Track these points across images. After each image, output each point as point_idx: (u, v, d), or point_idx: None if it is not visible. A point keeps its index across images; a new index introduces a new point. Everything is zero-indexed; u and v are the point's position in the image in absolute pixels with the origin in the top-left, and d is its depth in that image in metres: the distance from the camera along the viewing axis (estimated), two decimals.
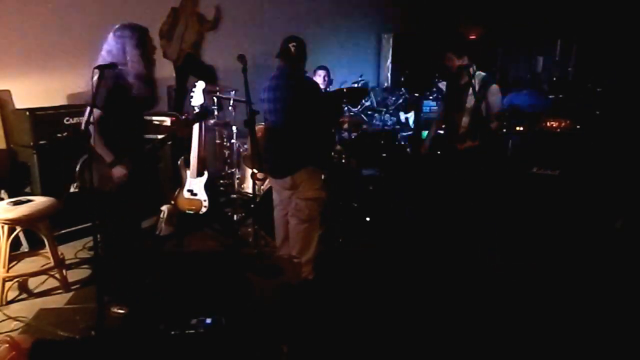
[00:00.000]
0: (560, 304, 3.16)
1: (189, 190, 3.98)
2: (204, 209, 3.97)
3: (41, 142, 3.76)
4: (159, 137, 3.37)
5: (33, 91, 4.03)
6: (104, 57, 2.72)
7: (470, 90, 3.52)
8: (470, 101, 3.58)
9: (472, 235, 3.86)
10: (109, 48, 2.74)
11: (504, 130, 3.74)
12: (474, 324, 2.90)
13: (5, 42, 3.87)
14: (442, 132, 4.12)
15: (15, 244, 3.28)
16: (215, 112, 4.65)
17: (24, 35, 3.98)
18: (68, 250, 3.74)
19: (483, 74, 3.66)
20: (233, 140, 4.61)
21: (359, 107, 5.88)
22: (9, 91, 3.93)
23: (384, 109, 6.12)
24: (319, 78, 4.89)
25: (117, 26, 2.77)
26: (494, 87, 3.59)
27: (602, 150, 4.60)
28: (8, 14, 3.89)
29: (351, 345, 2.70)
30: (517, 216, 4.32)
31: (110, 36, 2.75)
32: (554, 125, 4.82)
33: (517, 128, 4.97)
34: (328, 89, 5.09)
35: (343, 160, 4.43)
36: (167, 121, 4.33)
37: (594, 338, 2.77)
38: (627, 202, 4.30)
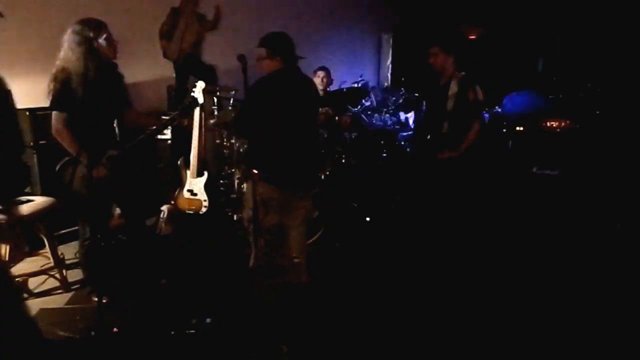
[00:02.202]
0: (560, 304, 3.16)
1: (189, 190, 3.97)
2: (204, 209, 3.96)
3: (41, 142, 3.76)
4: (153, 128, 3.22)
5: (33, 91, 4.03)
6: (60, 58, 2.75)
7: (450, 91, 3.31)
8: (450, 104, 3.32)
9: (472, 236, 3.86)
10: (63, 48, 2.75)
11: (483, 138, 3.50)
12: (474, 324, 2.90)
13: (5, 42, 3.87)
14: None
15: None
16: (215, 112, 4.65)
17: (24, 35, 3.98)
18: (68, 250, 3.74)
19: (462, 73, 3.40)
20: (233, 140, 4.61)
21: (359, 107, 5.88)
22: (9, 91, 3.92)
23: (384, 109, 6.12)
24: (318, 79, 4.87)
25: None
26: (475, 89, 3.31)
27: (602, 150, 4.60)
28: (8, 15, 3.88)
29: (351, 345, 2.70)
30: (517, 216, 4.31)
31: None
32: (554, 125, 4.83)
33: (517, 128, 4.98)
34: (328, 90, 5.09)
35: (343, 160, 4.43)
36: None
37: (594, 338, 2.77)
38: (627, 202, 4.30)
